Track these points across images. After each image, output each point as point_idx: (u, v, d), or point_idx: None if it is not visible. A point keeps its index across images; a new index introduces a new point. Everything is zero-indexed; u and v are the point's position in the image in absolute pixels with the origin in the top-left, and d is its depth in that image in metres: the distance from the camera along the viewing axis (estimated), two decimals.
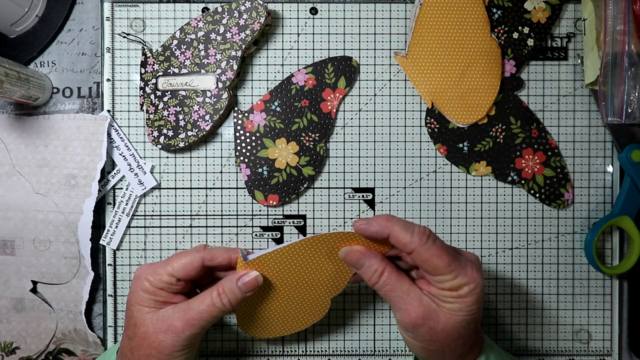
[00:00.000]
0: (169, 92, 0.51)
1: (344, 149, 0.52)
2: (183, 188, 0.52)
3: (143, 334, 0.41)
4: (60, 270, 0.51)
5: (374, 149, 0.52)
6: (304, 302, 0.45)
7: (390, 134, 0.52)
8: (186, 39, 0.50)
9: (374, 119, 0.52)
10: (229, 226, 0.52)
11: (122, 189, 0.52)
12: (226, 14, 0.50)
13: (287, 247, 0.43)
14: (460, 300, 0.40)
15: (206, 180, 0.52)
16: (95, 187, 0.50)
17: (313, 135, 0.51)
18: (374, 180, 0.52)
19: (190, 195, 0.52)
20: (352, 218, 0.52)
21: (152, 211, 0.52)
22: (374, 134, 0.52)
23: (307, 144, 0.51)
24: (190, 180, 0.52)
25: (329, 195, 0.52)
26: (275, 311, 0.45)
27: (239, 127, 0.51)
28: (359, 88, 0.52)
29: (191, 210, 0.52)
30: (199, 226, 0.52)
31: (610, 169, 0.52)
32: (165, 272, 0.42)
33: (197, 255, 0.43)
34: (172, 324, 0.40)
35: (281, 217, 0.52)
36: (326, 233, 0.42)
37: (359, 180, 0.52)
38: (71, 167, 0.51)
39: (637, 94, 0.49)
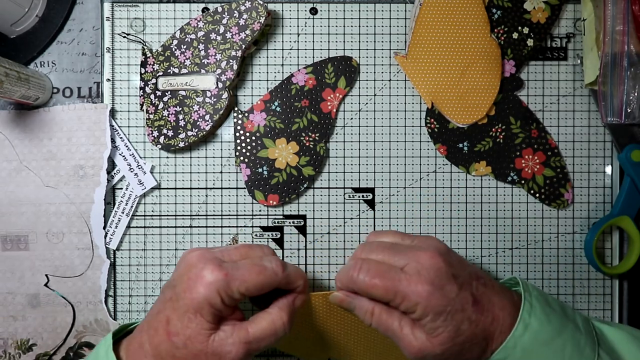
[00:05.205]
0: (169, 92, 0.51)
1: (344, 149, 0.52)
2: (183, 188, 0.52)
3: (196, 352, 0.38)
4: (74, 262, 0.51)
5: (374, 149, 0.52)
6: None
7: (390, 134, 0.52)
8: (186, 39, 0.50)
9: (374, 119, 0.52)
10: (229, 226, 0.52)
11: (122, 189, 0.52)
12: (226, 14, 0.50)
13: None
14: (424, 320, 0.38)
15: (206, 180, 0.52)
16: (104, 176, 0.51)
17: (313, 135, 0.51)
18: (374, 180, 0.52)
19: (190, 196, 0.52)
20: (352, 218, 0.52)
21: (152, 211, 0.52)
22: (374, 134, 0.52)
23: (307, 144, 0.51)
24: (190, 180, 0.52)
25: (329, 195, 0.52)
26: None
27: (239, 127, 0.51)
28: (359, 88, 0.52)
29: (191, 211, 0.52)
30: (199, 226, 0.52)
31: (610, 169, 0.52)
32: (238, 291, 0.38)
33: (276, 279, 0.40)
34: (230, 352, 0.38)
35: (281, 217, 0.52)
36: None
37: (359, 180, 0.52)
38: (77, 157, 0.51)
39: (636, 94, 0.49)
